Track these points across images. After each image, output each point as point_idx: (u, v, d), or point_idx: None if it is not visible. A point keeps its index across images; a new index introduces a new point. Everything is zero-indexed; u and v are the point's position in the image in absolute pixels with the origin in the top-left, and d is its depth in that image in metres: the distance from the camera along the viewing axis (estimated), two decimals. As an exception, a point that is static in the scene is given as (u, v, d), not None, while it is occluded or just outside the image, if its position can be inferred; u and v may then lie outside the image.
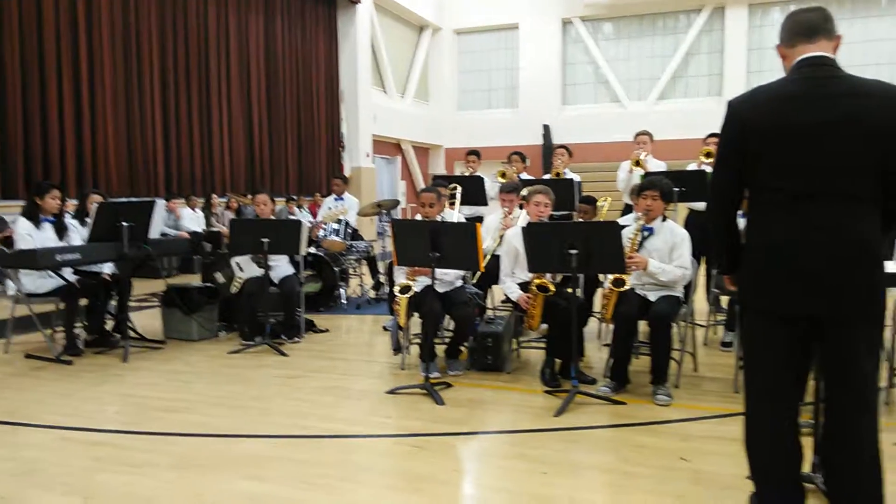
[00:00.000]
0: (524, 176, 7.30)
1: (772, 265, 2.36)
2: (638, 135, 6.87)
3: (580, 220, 5.83)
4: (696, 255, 4.60)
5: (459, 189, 6.12)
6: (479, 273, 5.06)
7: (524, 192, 5.30)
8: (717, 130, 2.55)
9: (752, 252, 2.45)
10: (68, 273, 5.38)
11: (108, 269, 5.76)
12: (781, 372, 2.42)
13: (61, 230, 5.46)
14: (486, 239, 5.29)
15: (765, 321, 2.41)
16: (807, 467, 2.59)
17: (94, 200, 5.84)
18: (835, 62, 2.34)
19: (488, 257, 5.07)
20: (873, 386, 2.35)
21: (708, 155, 6.02)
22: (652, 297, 4.36)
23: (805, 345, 2.41)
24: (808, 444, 2.49)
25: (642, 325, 4.70)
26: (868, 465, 2.32)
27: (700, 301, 5.43)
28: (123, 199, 8.92)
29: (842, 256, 2.25)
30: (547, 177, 7.37)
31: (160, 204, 5.59)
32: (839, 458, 2.37)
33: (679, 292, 4.43)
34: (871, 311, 2.29)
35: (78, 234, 5.58)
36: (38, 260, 4.83)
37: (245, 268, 5.90)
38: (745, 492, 2.74)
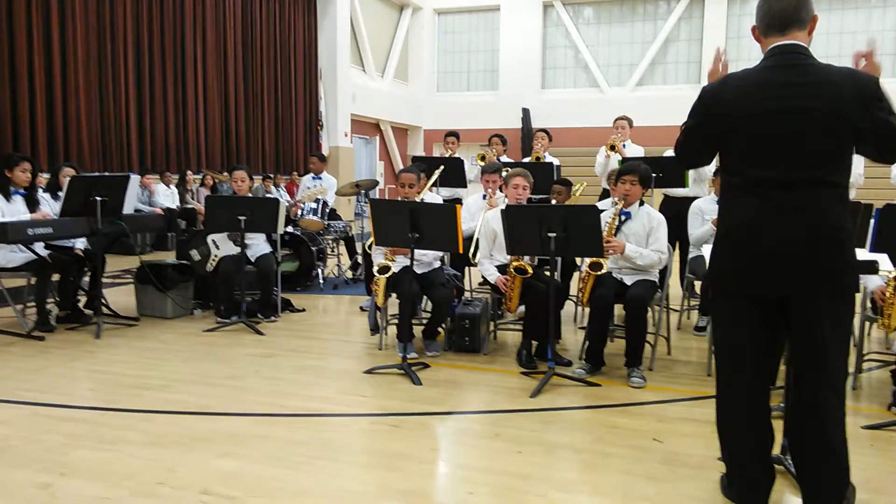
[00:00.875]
0: (504, 159, 7.30)
1: (740, 248, 2.41)
2: (617, 120, 6.91)
3: (554, 201, 5.86)
4: (671, 240, 4.65)
5: (440, 168, 6.12)
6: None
7: (503, 174, 5.31)
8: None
9: (722, 235, 2.50)
10: (39, 248, 5.28)
11: (80, 244, 5.67)
12: (752, 354, 2.47)
13: (32, 204, 5.35)
14: (468, 221, 5.30)
15: (734, 303, 2.46)
16: (776, 450, 2.65)
17: (67, 174, 5.73)
18: (805, 49, 2.37)
19: (474, 240, 5.06)
20: (840, 367, 2.39)
21: (685, 142, 6.06)
22: (628, 280, 4.41)
23: (775, 327, 2.45)
24: (777, 426, 2.54)
25: (618, 309, 4.76)
26: (835, 447, 2.38)
27: (674, 286, 5.50)
28: (97, 174, 8.76)
29: (807, 239, 2.30)
30: (527, 160, 7.39)
31: (135, 179, 5.48)
32: (806, 440, 2.43)
33: (654, 277, 4.48)
34: (837, 293, 2.33)
35: (50, 208, 5.48)
36: (8, 233, 4.73)
37: (221, 245, 5.85)
38: (717, 472, 2.81)
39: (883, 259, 3.37)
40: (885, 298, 3.62)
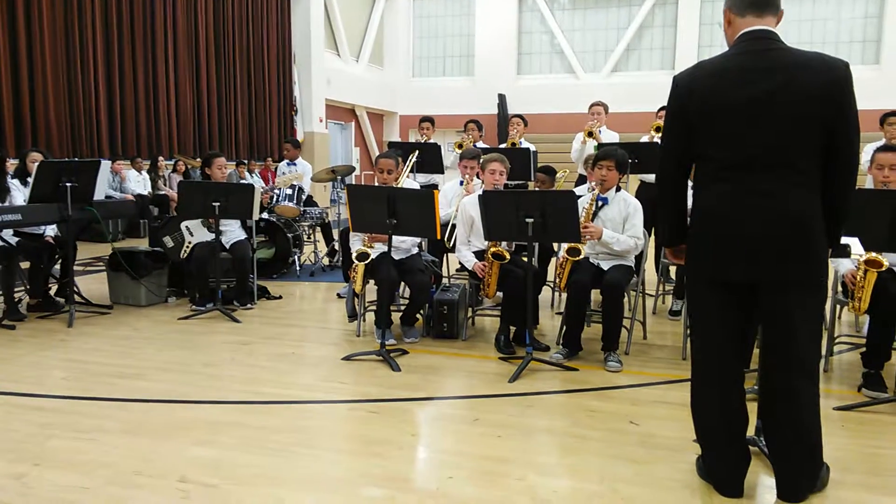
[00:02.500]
0: (480, 145, 7.29)
1: (711, 233, 2.44)
2: (592, 105, 6.93)
3: (537, 189, 5.86)
4: (647, 226, 4.69)
5: (416, 154, 6.09)
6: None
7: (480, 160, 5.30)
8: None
9: (694, 221, 2.53)
10: (8, 235, 5.17)
11: (51, 231, 5.56)
12: (725, 338, 2.51)
13: (2, 191, 5.23)
14: (444, 207, 5.29)
15: (707, 288, 2.49)
16: (751, 431, 2.70)
17: (35, 159, 5.60)
18: (776, 35, 2.40)
19: (450, 226, 5.06)
20: (812, 352, 2.44)
21: (658, 129, 6.12)
22: (605, 266, 4.44)
23: (747, 311, 2.49)
24: (752, 408, 2.59)
25: (594, 294, 4.79)
26: (808, 429, 2.43)
27: (650, 271, 5.55)
28: (66, 160, 8.58)
29: (776, 225, 2.33)
30: (503, 146, 7.39)
31: (105, 165, 5.37)
32: (780, 423, 2.47)
33: (631, 262, 4.52)
34: (806, 278, 2.37)
35: (20, 194, 5.36)
36: (-25, 220, 4.63)
37: (195, 232, 5.78)
38: (693, 454, 2.85)
39: (854, 243, 3.43)
40: (856, 282, 3.69)
